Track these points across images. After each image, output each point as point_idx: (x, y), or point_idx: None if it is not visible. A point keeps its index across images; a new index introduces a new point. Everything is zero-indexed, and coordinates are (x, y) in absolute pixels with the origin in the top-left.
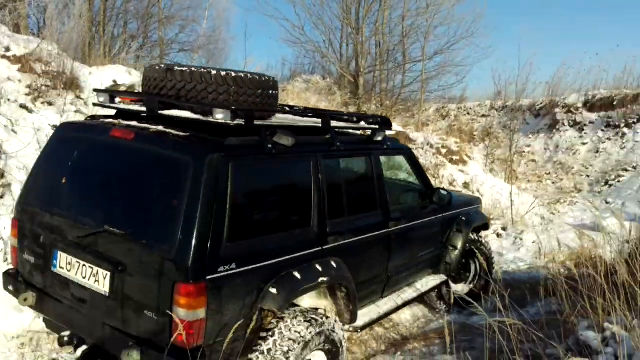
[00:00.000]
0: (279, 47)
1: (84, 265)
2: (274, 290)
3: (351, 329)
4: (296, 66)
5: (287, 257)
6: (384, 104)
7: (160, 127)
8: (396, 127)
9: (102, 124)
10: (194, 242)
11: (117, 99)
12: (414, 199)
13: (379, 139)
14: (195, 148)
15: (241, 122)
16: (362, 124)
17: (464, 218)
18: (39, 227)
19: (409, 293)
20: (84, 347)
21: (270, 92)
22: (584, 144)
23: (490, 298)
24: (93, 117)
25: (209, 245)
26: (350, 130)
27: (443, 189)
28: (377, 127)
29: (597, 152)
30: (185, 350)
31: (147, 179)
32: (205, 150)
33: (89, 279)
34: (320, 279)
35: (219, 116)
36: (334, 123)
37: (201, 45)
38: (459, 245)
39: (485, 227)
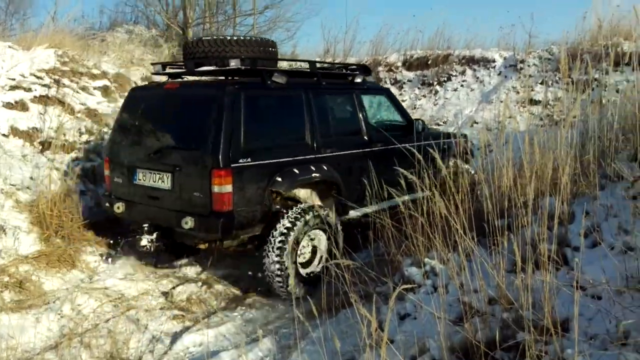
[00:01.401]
0: None
1: (154, 173)
2: (279, 179)
3: (344, 219)
4: (117, 14)
5: (289, 158)
6: None
7: (194, 78)
8: None
9: (157, 83)
10: (222, 143)
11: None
12: (395, 128)
13: (358, 80)
14: (217, 86)
15: (248, 67)
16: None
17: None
18: (123, 157)
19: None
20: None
21: (269, 49)
22: (403, 100)
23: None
24: (151, 82)
25: (230, 145)
26: (338, 74)
27: (419, 119)
28: (356, 72)
29: (415, 108)
30: (221, 212)
31: (189, 111)
32: (224, 86)
33: (157, 182)
34: (313, 175)
35: (233, 63)
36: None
37: None
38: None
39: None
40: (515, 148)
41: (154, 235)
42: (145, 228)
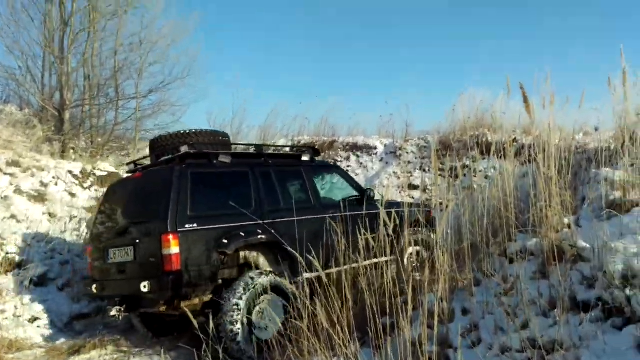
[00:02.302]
0: None
1: (121, 249)
2: (225, 241)
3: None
4: None
5: (236, 224)
6: (95, 141)
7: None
8: (108, 167)
9: (129, 176)
10: (169, 212)
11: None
12: (345, 196)
13: (305, 159)
14: (168, 168)
15: (195, 151)
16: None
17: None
18: (100, 242)
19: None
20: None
21: (221, 137)
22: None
23: None
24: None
25: (177, 213)
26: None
27: (369, 188)
28: (304, 152)
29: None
30: (171, 272)
31: (148, 191)
32: (173, 167)
33: (123, 257)
34: (260, 237)
35: (182, 149)
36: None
37: None
38: None
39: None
40: None
41: (123, 306)
42: (116, 300)
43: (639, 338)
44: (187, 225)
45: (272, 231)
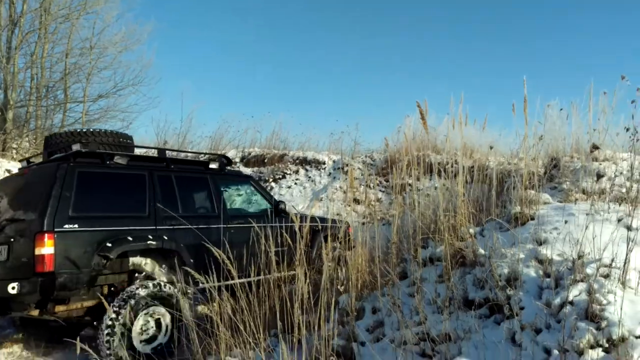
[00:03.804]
0: None
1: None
2: (109, 245)
3: (195, 290)
4: None
5: (125, 228)
6: (39, 142)
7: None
8: None
9: (14, 173)
10: (47, 211)
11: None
12: (256, 208)
13: (213, 167)
14: (56, 164)
15: (87, 150)
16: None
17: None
18: None
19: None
20: None
21: (122, 139)
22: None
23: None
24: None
25: (56, 213)
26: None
27: (281, 201)
28: (212, 159)
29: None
30: (42, 273)
31: (31, 188)
32: (58, 165)
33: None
34: (149, 242)
35: (74, 147)
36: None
37: None
38: None
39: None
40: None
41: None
42: None
43: (512, 332)
44: (66, 225)
45: (165, 238)
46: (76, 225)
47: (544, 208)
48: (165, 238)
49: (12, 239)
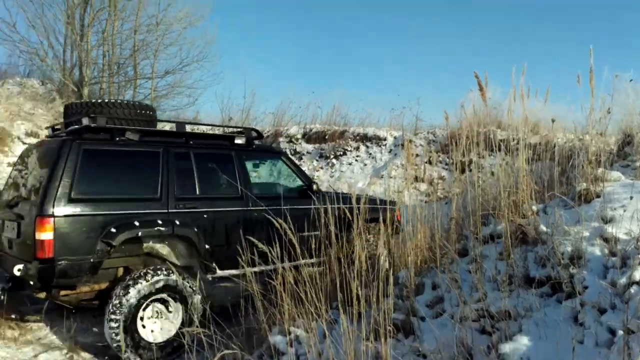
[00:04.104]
0: None
1: (10, 223)
2: (113, 230)
3: (211, 277)
4: (8, 67)
5: (133, 211)
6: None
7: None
8: None
9: (35, 143)
10: (47, 193)
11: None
12: (287, 188)
13: (239, 142)
14: (60, 141)
15: (96, 124)
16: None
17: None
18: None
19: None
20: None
21: (146, 112)
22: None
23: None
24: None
25: (57, 195)
26: (213, 135)
27: (315, 182)
28: (239, 134)
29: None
30: (42, 259)
31: (40, 164)
32: (64, 141)
33: (11, 232)
34: (158, 229)
35: (84, 121)
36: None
37: None
38: None
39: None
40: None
41: (9, 284)
42: (6, 277)
43: (575, 311)
44: (67, 209)
45: (177, 223)
46: (78, 209)
47: (612, 185)
48: (177, 223)
49: (21, 218)
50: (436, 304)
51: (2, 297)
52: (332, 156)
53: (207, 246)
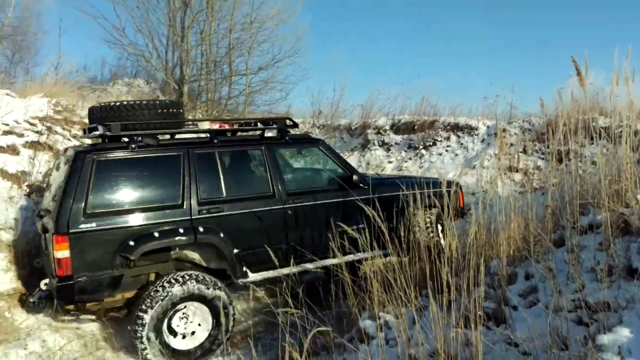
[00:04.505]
0: (97, 46)
1: (45, 235)
2: (132, 243)
3: (242, 283)
4: (117, 68)
5: (152, 222)
6: (210, 113)
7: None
8: None
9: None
10: (61, 209)
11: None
12: (327, 180)
13: (270, 134)
14: (75, 152)
15: (109, 133)
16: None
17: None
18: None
19: (328, 262)
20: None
21: (172, 110)
22: (390, 162)
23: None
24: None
25: (71, 211)
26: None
27: (356, 171)
28: (269, 126)
29: (401, 169)
30: (61, 277)
31: (60, 174)
32: (77, 152)
33: (44, 243)
34: (178, 238)
35: (99, 130)
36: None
37: (5, 36)
38: None
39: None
40: (494, 212)
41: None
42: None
43: None
44: (82, 226)
45: (201, 230)
46: (94, 224)
47: None
48: (201, 230)
49: (46, 231)
50: (529, 294)
51: (36, 303)
52: (421, 147)
53: (235, 250)
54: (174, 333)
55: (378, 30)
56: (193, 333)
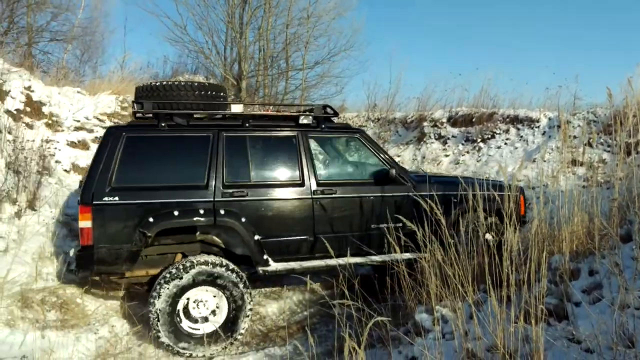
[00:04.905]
0: (159, 44)
1: None
2: (151, 219)
3: (262, 271)
4: (178, 65)
5: (174, 200)
6: (267, 109)
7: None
8: None
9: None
10: (87, 181)
11: None
12: (364, 173)
13: (305, 122)
14: (108, 128)
15: (142, 111)
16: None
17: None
18: None
19: (353, 259)
20: None
21: (216, 93)
22: (446, 155)
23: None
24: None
25: (96, 183)
26: (277, 115)
27: (394, 165)
28: (305, 113)
29: (457, 163)
30: (83, 246)
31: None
32: (109, 129)
33: None
34: (196, 219)
35: (136, 107)
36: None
37: (76, 36)
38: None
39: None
40: (555, 207)
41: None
42: None
43: None
44: (105, 198)
45: (222, 212)
46: (117, 198)
47: None
48: (222, 212)
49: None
50: (593, 290)
51: (75, 272)
52: (479, 140)
53: (257, 237)
54: (189, 316)
55: (437, 20)
56: (206, 319)
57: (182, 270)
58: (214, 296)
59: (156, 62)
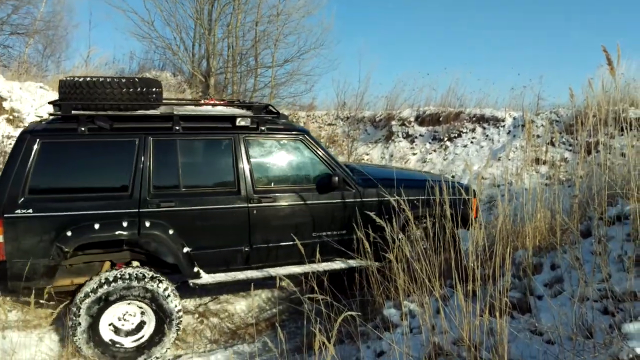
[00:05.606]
0: (126, 40)
1: None
2: (69, 233)
3: (193, 284)
4: (145, 61)
5: (95, 212)
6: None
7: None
8: None
9: None
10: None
11: None
12: (304, 181)
13: (243, 124)
14: (21, 133)
15: (59, 113)
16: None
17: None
18: None
19: (293, 269)
20: None
21: (149, 89)
22: (414, 154)
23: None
24: None
25: (7, 196)
26: (212, 117)
27: (336, 173)
28: (244, 114)
29: (425, 161)
30: None
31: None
32: (22, 134)
33: None
34: (118, 232)
35: (55, 108)
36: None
37: (38, 30)
38: None
39: None
40: (519, 204)
41: None
42: None
43: None
44: (18, 210)
45: (147, 225)
46: (30, 210)
47: None
48: (147, 224)
49: None
50: (555, 284)
51: None
52: (446, 138)
53: (187, 249)
54: (117, 331)
55: (405, 21)
56: (135, 331)
57: (96, 288)
58: (140, 309)
59: (122, 57)
